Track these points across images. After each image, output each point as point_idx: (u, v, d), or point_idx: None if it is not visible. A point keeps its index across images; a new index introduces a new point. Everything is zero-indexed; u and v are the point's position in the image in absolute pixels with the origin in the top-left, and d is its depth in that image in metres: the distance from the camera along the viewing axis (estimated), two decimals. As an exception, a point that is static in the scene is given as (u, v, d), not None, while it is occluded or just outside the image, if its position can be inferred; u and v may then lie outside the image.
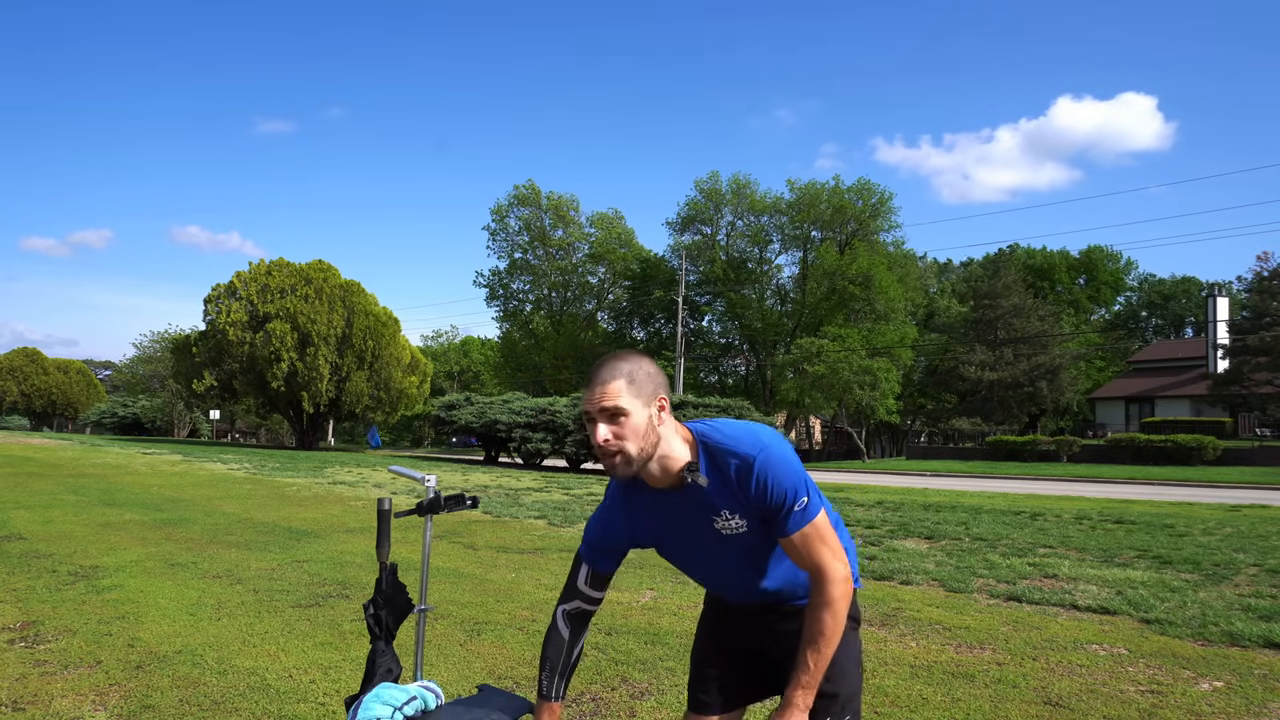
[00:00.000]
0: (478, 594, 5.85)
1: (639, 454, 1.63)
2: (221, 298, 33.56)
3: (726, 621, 1.96)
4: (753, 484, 1.64)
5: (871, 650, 4.47)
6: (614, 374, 1.63)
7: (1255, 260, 56.24)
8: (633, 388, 1.63)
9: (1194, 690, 3.84)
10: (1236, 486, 20.21)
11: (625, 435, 1.62)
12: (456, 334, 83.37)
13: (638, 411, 1.62)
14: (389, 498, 2.28)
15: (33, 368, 63.42)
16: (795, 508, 1.65)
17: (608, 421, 1.62)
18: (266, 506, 11.41)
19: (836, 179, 45.17)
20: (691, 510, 1.73)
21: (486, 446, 29.67)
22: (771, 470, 1.64)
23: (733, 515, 1.70)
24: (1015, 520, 10.77)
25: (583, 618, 1.88)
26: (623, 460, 1.63)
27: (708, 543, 1.76)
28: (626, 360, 1.67)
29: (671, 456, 1.68)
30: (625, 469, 1.64)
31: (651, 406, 1.64)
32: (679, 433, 1.71)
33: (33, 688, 3.69)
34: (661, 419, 1.66)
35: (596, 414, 1.63)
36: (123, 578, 6.19)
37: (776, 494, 1.64)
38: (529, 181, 52.03)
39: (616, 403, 1.61)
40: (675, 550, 1.87)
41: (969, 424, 41.42)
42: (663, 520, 1.79)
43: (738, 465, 1.65)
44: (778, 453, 1.65)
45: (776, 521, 1.68)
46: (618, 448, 1.62)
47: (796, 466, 1.66)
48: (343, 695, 3.61)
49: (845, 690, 1.79)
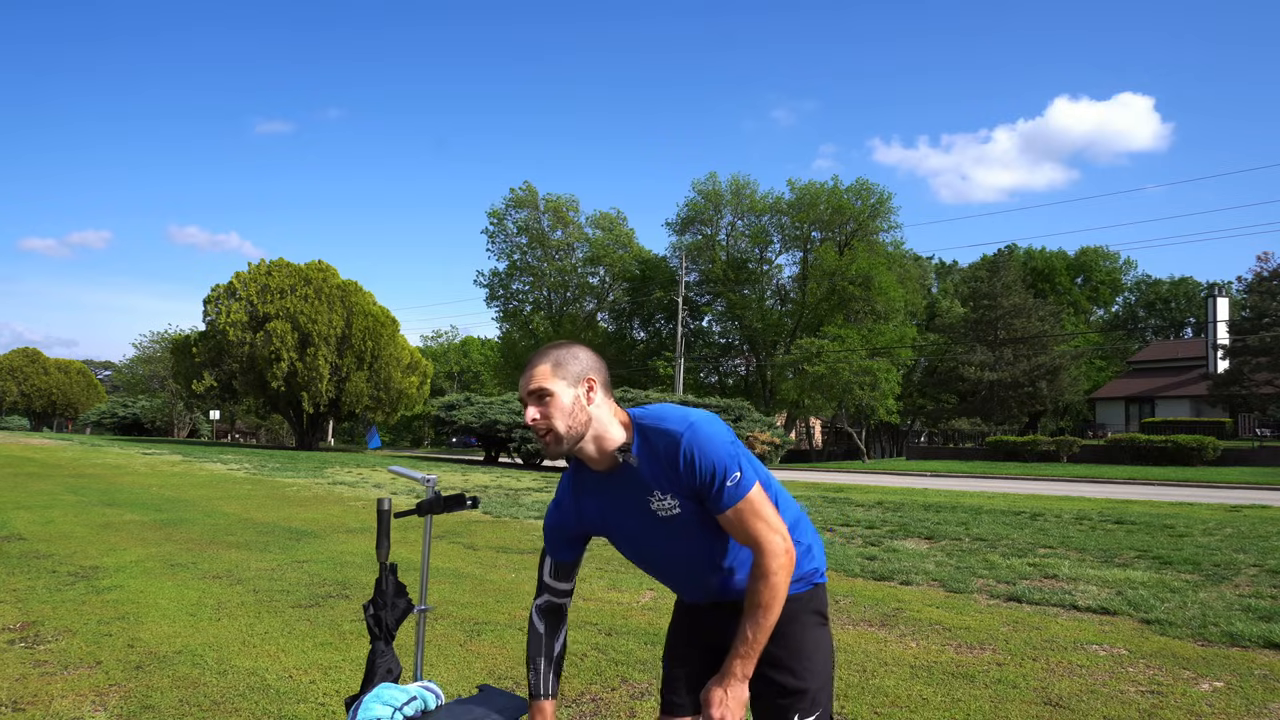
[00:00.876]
0: (478, 594, 5.85)
1: (566, 432, 1.71)
2: (221, 298, 33.56)
3: (692, 621, 1.96)
4: (681, 460, 1.68)
5: (871, 650, 4.47)
6: (541, 359, 1.74)
7: (1255, 260, 56.25)
8: (558, 370, 1.72)
9: (1194, 690, 3.84)
10: (1237, 487, 20.21)
11: (552, 414, 1.70)
12: (456, 334, 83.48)
13: (563, 392, 1.71)
14: (389, 498, 2.28)
15: (33, 368, 63.44)
16: (727, 483, 1.67)
17: (535, 403, 1.72)
18: (266, 507, 11.41)
19: (835, 179, 45.23)
20: (628, 492, 1.77)
21: (486, 446, 29.68)
22: (698, 446, 1.67)
23: (665, 494, 1.73)
24: (1015, 520, 10.77)
25: (555, 611, 1.92)
26: (552, 438, 1.71)
27: (647, 527, 1.79)
28: (557, 347, 1.77)
29: (606, 437, 1.74)
30: (555, 447, 1.72)
31: (579, 387, 1.72)
32: (617, 416, 1.76)
33: (32, 688, 3.69)
34: (590, 399, 1.73)
35: (526, 397, 1.73)
36: (123, 578, 6.19)
37: (704, 469, 1.67)
38: (525, 184, 52.00)
39: (542, 384, 1.71)
40: (622, 538, 1.88)
41: (969, 424, 41.41)
42: (605, 503, 1.83)
43: (666, 443, 1.70)
44: (705, 430, 1.69)
45: (710, 499, 1.69)
46: (546, 426, 1.71)
47: (726, 443, 1.69)
48: (343, 695, 3.61)
49: (815, 685, 1.78)
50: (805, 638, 1.81)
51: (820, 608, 1.87)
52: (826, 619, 1.88)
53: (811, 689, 1.78)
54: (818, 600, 1.86)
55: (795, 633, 1.81)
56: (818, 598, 1.87)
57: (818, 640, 1.83)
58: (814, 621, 1.84)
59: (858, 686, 3.85)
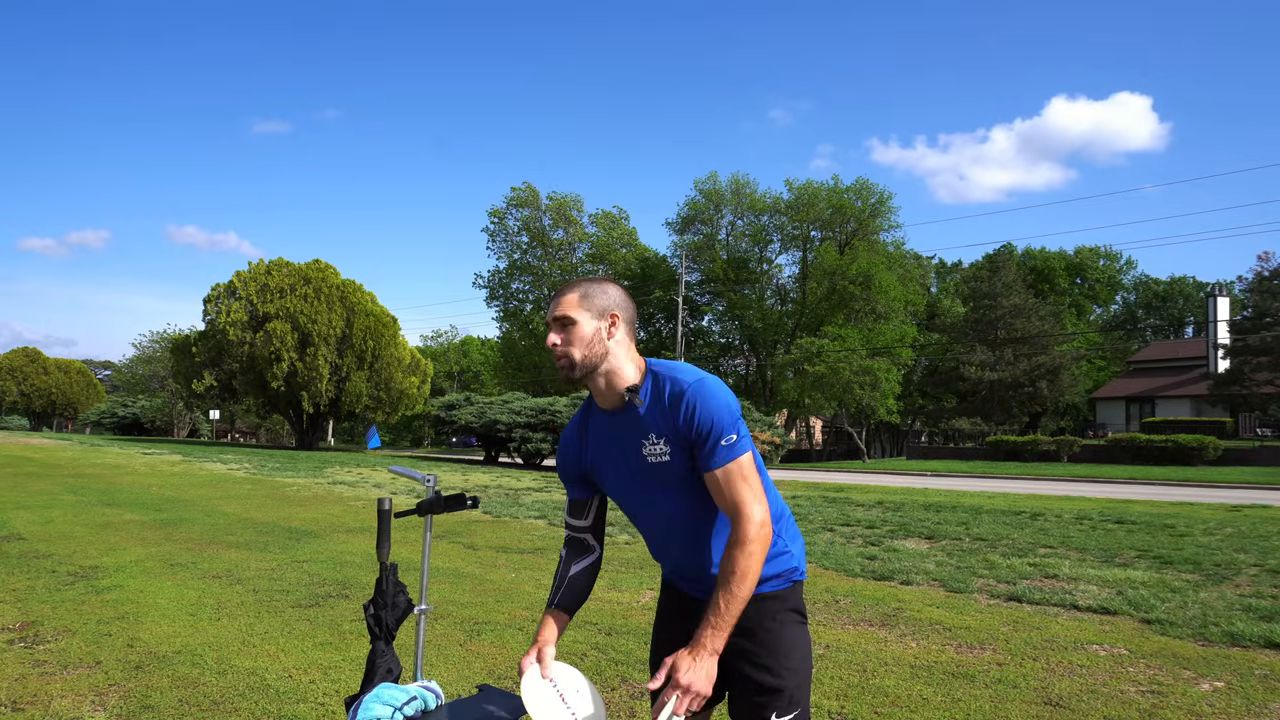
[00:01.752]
0: (478, 594, 5.85)
1: (582, 360, 1.75)
2: (221, 298, 33.55)
3: (676, 619, 1.94)
4: (683, 409, 1.70)
5: (871, 650, 4.46)
6: (571, 289, 1.79)
7: (1256, 260, 56.25)
8: (585, 300, 1.77)
9: (1194, 690, 3.83)
10: (1237, 486, 20.20)
11: (572, 342, 1.75)
12: (456, 334, 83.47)
13: (586, 322, 1.76)
14: (389, 498, 2.28)
15: (33, 368, 63.45)
16: (722, 442, 1.68)
17: (558, 329, 1.77)
18: (266, 506, 11.40)
19: (835, 179, 45.21)
20: (627, 432, 1.80)
21: (486, 446, 29.67)
22: (702, 399, 1.69)
23: (659, 439, 1.74)
24: (1015, 520, 10.77)
25: (578, 544, 1.97)
26: (567, 363, 1.75)
27: (635, 471, 1.81)
28: (589, 280, 1.82)
29: (619, 374, 1.78)
30: (569, 372, 1.76)
31: (602, 321, 1.77)
32: (633, 359, 1.80)
33: (32, 688, 3.69)
34: (611, 334, 1.77)
35: (550, 322, 1.78)
36: (122, 578, 6.19)
37: (704, 423, 1.68)
38: (526, 184, 52.00)
39: (567, 312, 1.75)
40: (611, 480, 1.90)
41: (969, 424, 41.40)
42: (604, 441, 1.86)
43: (673, 391, 1.73)
44: (712, 387, 1.71)
45: (702, 454, 1.70)
46: (564, 352, 1.75)
47: (731, 407, 1.71)
48: (343, 695, 3.60)
49: (792, 683, 1.76)
50: (783, 635, 1.80)
51: (798, 606, 1.85)
52: (805, 617, 1.87)
53: (789, 687, 1.76)
54: (796, 598, 1.85)
55: (773, 630, 1.79)
56: (796, 595, 1.85)
57: (795, 638, 1.81)
58: (792, 619, 1.82)
59: (858, 686, 3.85)
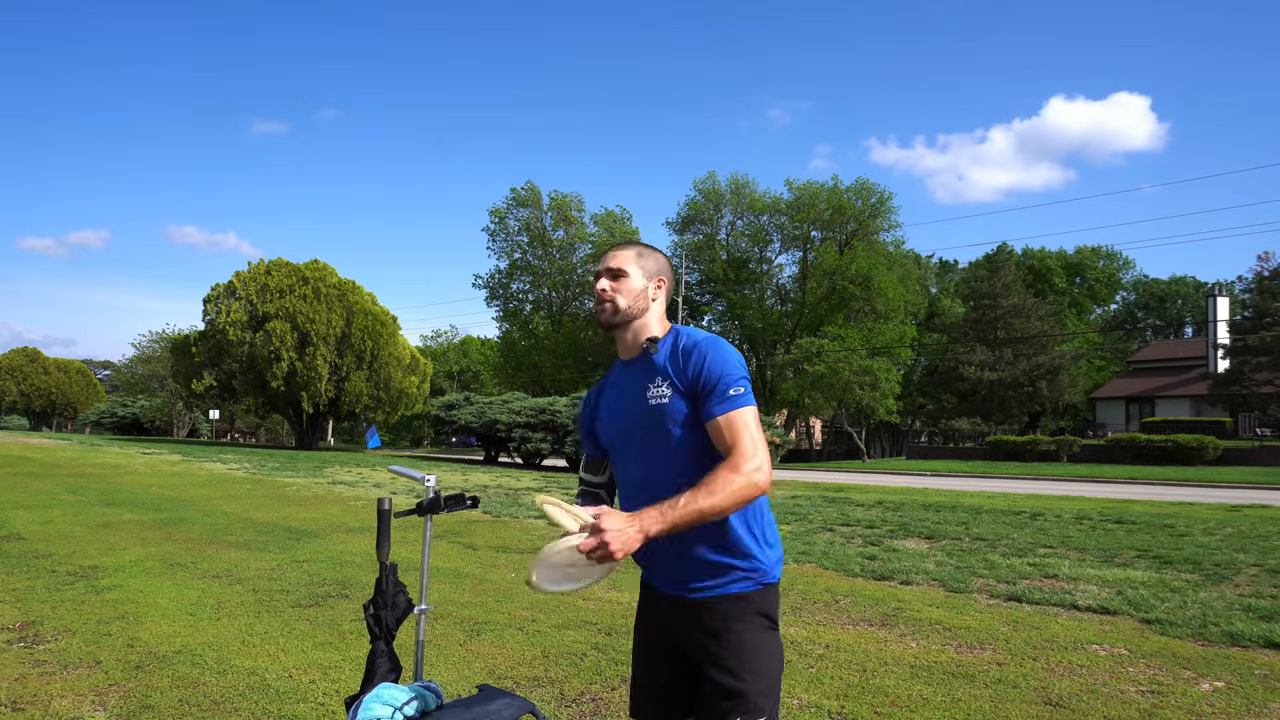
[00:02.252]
0: (478, 594, 5.85)
1: (626, 309, 1.85)
2: (221, 297, 33.54)
3: (654, 620, 1.92)
4: (694, 355, 1.77)
5: (871, 650, 4.47)
6: (628, 245, 1.92)
7: (1256, 260, 56.24)
8: (640, 259, 1.89)
9: (1194, 690, 3.83)
10: (1237, 486, 20.21)
11: (620, 290, 1.85)
12: (456, 334, 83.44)
13: (637, 278, 1.87)
14: (389, 498, 2.28)
15: (32, 367, 63.43)
16: (730, 391, 1.72)
17: (609, 277, 1.87)
18: (266, 506, 11.40)
19: (835, 179, 45.20)
20: (638, 377, 1.87)
21: (486, 446, 29.66)
22: (714, 351, 1.76)
23: (664, 382, 1.80)
24: (1015, 520, 10.77)
25: (591, 497, 2.03)
26: (611, 309, 1.85)
27: (632, 411, 1.86)
28: (644, 243, 1.94)
29: (647, 326, 1.88)
30: (610, 316, 1.85)
31: (650, 281, 1.89)
32: (662, 323, 1.91)
33: (32, 688, 3.69)
34: (655, 296, 1.89)
35: (603, 271, 1.88)
36: (122, 578, 6.19)
37: (712, 371, 1.73)
38: (528, 183, 52.01)
39: (622, 265, 1.87)
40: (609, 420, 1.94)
41: (969, 424, 41.40)
42: (617, 390, 1.94)
43: (688, 343, 1.81)
44: (725, 344, 1.79)
45: (708, 400, 1.73)
46: (611, 298, 1.85)
47: (740, 362, 1.77)
48: (343, 695, 3.60)
49: (755, 688, 1.73)
50: (748, 640, 1.76)
51: (768, 610, 1.81)
52: (775, 623, 1.83)
53: (751, 692, 1.72)
54: (767, 602, 1.81)
55: (738, 633, 1.76)
56: (768, 599, 1.81)
57: (761, 644, 1.77)
58: (760, 624, 1.78)
59: (858, 686, 3.85)
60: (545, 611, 5.30)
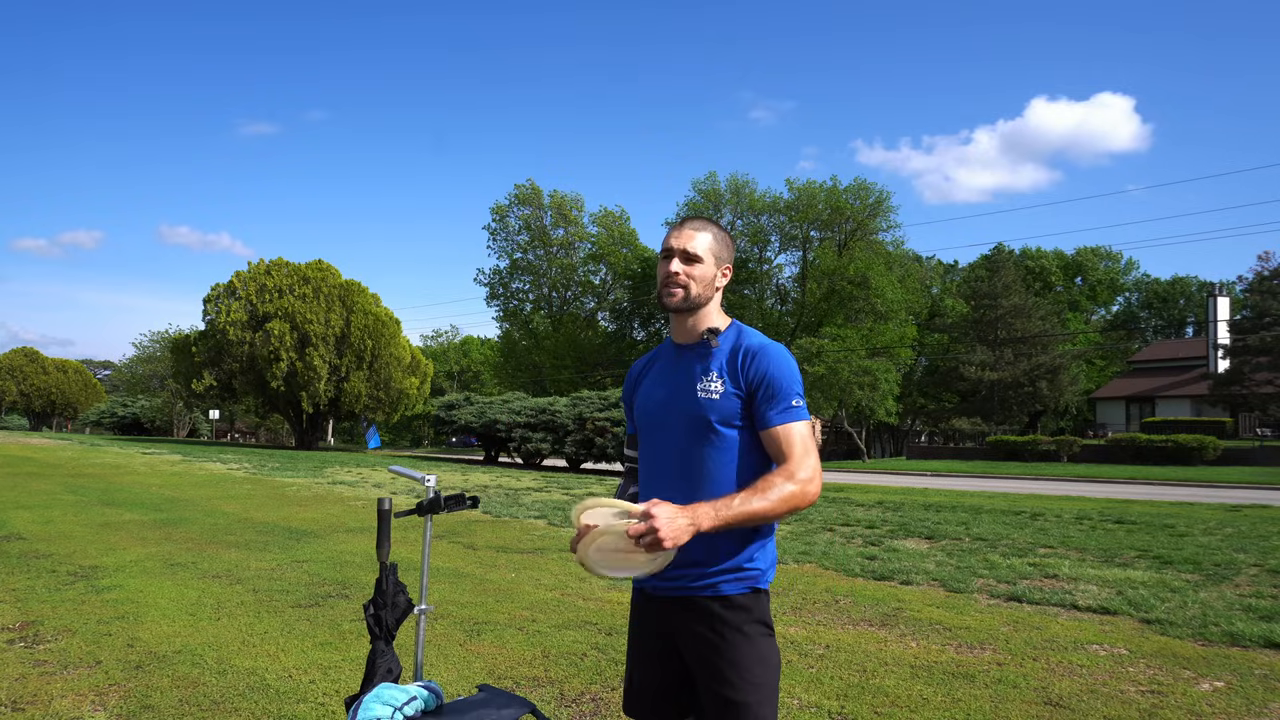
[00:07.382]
0: (478, 594, 5.84)
1: (695, 296, 1.84)
2: (221, 297, 33.55)
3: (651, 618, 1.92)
4: (755, 362, 1.78)
5: (871, 650, 4.46)
6: (707, 228, 1.88)
7: (1256, 260, 56.20)
8: (716, 245, 1.88)
9: (1194, 690, 3.83)
10: (1237, 486, 20.20)
11: (693, 276, 1.84)
12: (456, 334, 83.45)
13: (710, 264, 1.86)
14: (389, 498, 2.27)
15: (32, 367, 63.42)
16: (793, 402, 1.76)
17: (684, 261, 1.84)
18: (266, 506, 11.40)
19: (834, 179, 45.22)
20: (690, 363, 1.87)
21: (486, 446, 29.66)
22: (776, 360, 1.78)
23: (719, 378, 1.80)
24: (1015, 520, 10.77)
25: (635, 474, 2.03)
26: (681, 295, 1.83)
27: (678, 399, 1.84)
28: (718, 226, 1.92)
29: (709, 316, 1.88)
30: (679, 300, 1.83)
31: (719, 269, 1.88)
32: (721, 313, 1.91)
33: (32, 688, 3.69)
34: (720, 285, 1.89)
35: (678, 252, 1.84)
36: (122, 578, 6.19)
37: (773, 381, 1.76)
38: (529, 181, 52.08)
39: (699, 250, 1.85)
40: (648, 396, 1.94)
41: (969, 424, 41.41)
42: (666, 372, 1.93)
43: (752, 344, 1.82)
44: (789, 355, 1.81)
45: (769, 408, 1.75)
46: (685, 283, 1.83)
47: (799, 379, 1.80)
48: (343, 695, 3.60)
49: (755, 698, 1.72)
50: (747, 650, 1.76)
51: (764, 617, 1.81)
52: (771, 629, 1.83)
53: (752, 702, 1.72)
54: (761, 609, 1.80)
55: (737, 643, 1.75)
56: (761, 606, 1.80)
57: (757, 652, 1.77)
58: (758, 632, 1.78)
59: (858, 686, 3.85)
60: (545, 611, 5.30)
